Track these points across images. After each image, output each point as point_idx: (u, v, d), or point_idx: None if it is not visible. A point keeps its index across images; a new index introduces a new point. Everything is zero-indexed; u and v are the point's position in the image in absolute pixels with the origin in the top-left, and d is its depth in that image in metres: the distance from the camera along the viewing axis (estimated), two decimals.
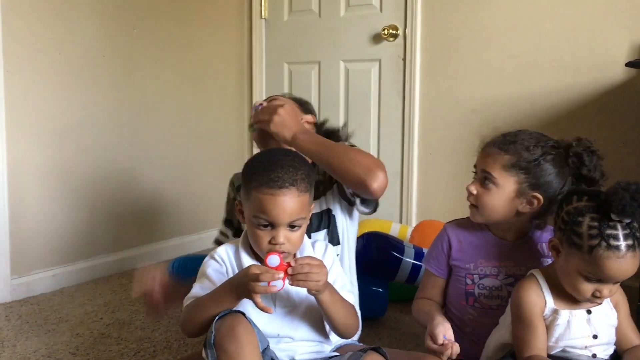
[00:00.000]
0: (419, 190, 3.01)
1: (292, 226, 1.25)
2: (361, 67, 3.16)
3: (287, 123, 1.50)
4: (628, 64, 2.21)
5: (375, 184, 1.41)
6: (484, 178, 1.43)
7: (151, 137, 3.04)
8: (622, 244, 1.17)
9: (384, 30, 3.01)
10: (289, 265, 1.18)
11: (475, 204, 1.45)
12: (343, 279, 1.39)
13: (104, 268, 2.81)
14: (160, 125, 3.08)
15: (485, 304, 1.49)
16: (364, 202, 1.60)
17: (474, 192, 1.44)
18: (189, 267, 2.24)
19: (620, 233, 1.17)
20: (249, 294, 1.17)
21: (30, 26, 2.49)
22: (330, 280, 1.29)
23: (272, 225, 1.24)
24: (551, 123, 2.57)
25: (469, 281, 1.51)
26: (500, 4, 2.72)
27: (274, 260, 1.18)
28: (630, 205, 1.16)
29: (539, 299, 1.29)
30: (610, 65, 2.45)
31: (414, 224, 2.95)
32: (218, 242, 1.84)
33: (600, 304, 1.27)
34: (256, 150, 1.59)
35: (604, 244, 1.18)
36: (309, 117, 1.67)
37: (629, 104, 2.43)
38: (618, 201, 1.17)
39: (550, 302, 1.28)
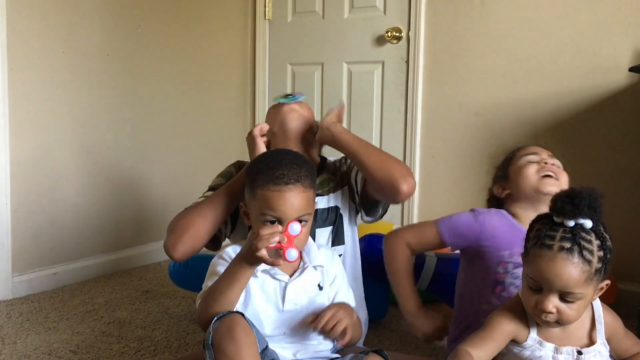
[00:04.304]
0: (421, 193, 3.00)
1: (298, 222, 1.27)
2: (364, 69, 3.16)
3: (340, 120, 1.68)
4: (631, 69, 2.21)
5: (405, 186, 1.51)
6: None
7: (154, 137, 3.04)
8: (556, 244, 1.14)
9: (387, 32, 3.01)
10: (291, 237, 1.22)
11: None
12: (343, 288, 1.43)
13: (105, 266, 2.82)
14: (163, 124, 3.08)
15: (512, 295, 1.44)
16: (368, 214, 1.70)
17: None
18: (190, 266, 2.24)
19: (558, 235, 1.15)
20: (255, 254, 1.18)
21: (35, 24, 2.50)
22: (328, 284, 1.37)
23: (280, 222, 1.27)
24: (554, 127, 2.57)
25: (500, 269, 1.46)
26: (504, 8, 2.72)
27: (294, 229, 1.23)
28: (564, 202, 1.14)
29: (516, 320, 1.23)
30: (614, 69, 2.45)
31: None
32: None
33: (549, 324, 1.19)
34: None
35: (539, 242, 1.16)
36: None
37: (632, 108, 2.43)
38: (555, 201, 1.17)
39: (534, 330, 1.23)
